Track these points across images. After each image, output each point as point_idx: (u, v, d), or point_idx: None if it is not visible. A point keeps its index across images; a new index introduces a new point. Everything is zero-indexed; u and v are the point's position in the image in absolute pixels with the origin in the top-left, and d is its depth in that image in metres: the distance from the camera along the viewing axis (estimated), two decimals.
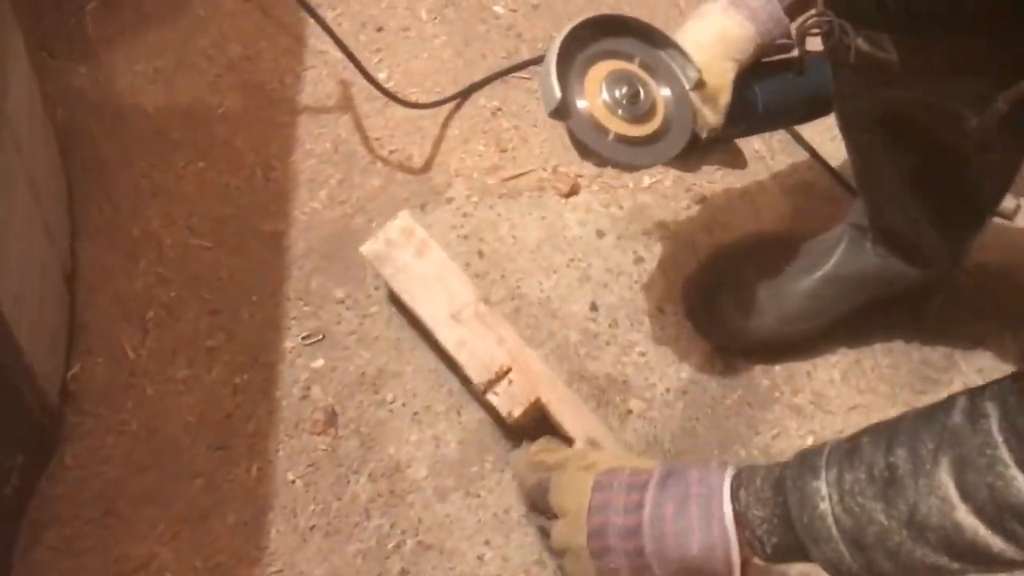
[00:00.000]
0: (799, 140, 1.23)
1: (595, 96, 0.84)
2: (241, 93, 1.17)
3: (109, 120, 1.14)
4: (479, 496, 0.99)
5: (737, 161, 1.08)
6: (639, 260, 1.13)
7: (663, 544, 0.73)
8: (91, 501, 0.94)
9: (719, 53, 0.88)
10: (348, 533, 0.96)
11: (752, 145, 1.21)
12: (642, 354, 1.08)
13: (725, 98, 0.89)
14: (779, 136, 1.23)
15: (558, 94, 0.80)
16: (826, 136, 1.22)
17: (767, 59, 0.92)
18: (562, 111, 0.81)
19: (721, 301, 1.08)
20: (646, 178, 1.18)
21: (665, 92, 0.88)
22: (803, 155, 1.22)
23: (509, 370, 0.95)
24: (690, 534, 0.71)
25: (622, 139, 0.84)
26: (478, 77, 1.22)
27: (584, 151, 0.86)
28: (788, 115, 1.00)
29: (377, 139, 1.17)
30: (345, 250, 1.10)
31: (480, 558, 0.96)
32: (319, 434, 1.00)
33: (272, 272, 1.08)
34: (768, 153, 1.21)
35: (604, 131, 0.84)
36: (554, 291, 1.11)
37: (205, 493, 0.96)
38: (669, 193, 1.18)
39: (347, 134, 1.17)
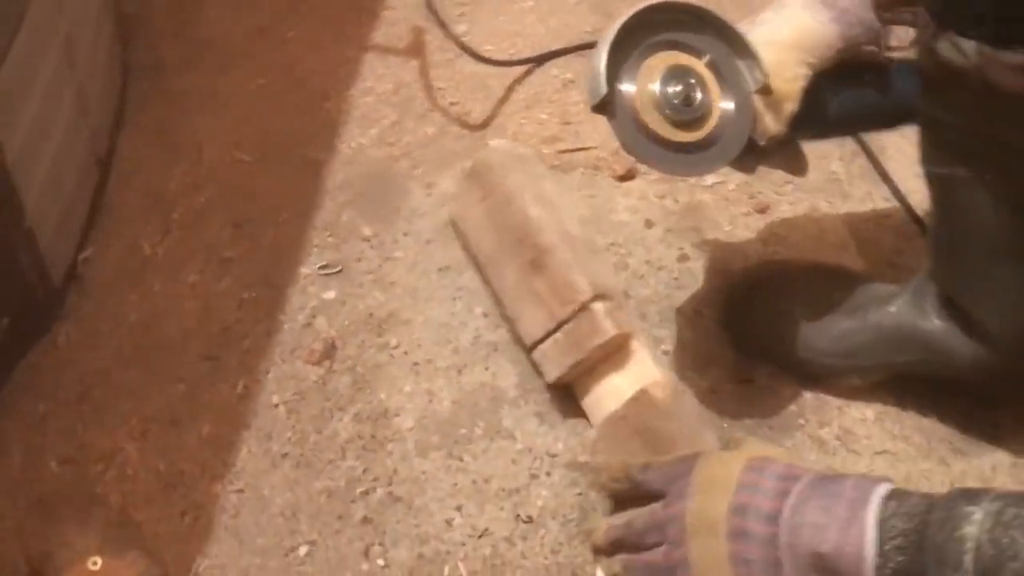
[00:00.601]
0: (879, 170, 1.15)
1: (645, 92, 0.77)
2: (314, 21, 1.16)
3: (178, 23, 1.13)
4: (461, 460, 0.94)
5: (798, 166, 0.99)
6: (684, 258, 1.07)
7: (798, 535, 0.68)
8: (71, 383, 0.92)
9: (793, 56, 0.81)
10: (319, 469, 0.92)
11: (829, 166, 1.14)
12: (665, 352, 1.01)
13: (791, 106, 0.82)
14: (860, 162, 1.15)
15: (604, 88, 0.75)
16: (911, 171, 1.13)
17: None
18: (605, 106, 0.76)
19: (761, 315, 1.00)
20: (710, 178, 1.12)
21: (727, 99, 0.81)
22: (883, 187, 1.14)
23: (612, 297, 0.91)
24: (827, 529, 0.66)
25: (664, 143, 0.78)
26: (557, 47, 1.18)
27: (625, 147, 0.80)
28: (860, 126, 0.93)
29: (440, 89, 1.14)
30: (382, 190, 1.07)
31: (448, 522, 0.90)
32: (313, 364, 0.97)
33: (305, 197, 1.05)
34: (846, 177, 1.14)
35: (646, 131, 0.77)
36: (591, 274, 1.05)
37: (185, 399, 0.93)
38: (731, 196, 1.11)
39: (410, 79, 1.14)
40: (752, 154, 0.88)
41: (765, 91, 0.81)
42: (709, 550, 0.73)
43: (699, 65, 0.80)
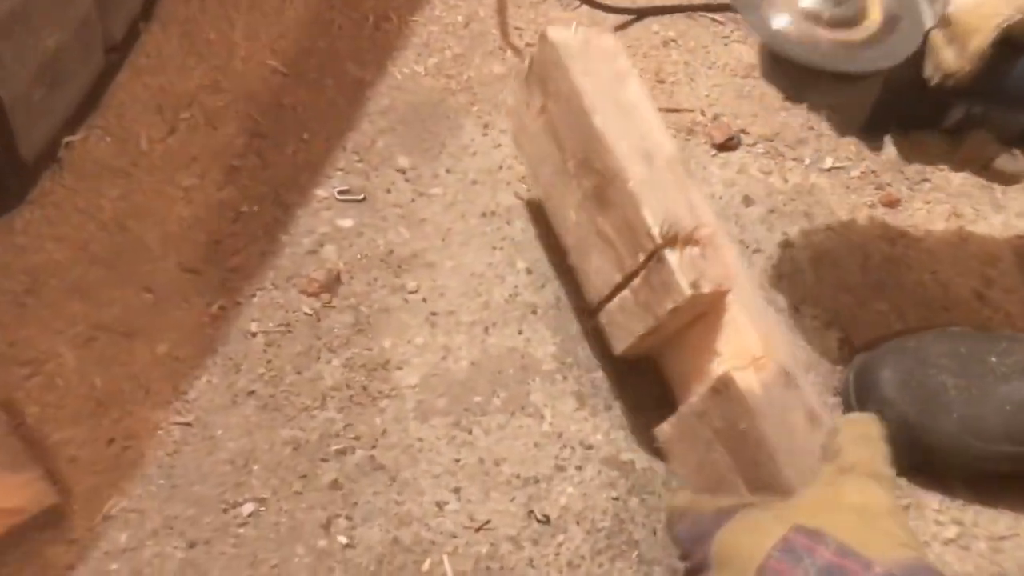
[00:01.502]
0: None
1: None
2: None
3: None
4: (470, 432, 0.73)
5: (1006, 171, 0.76)
6: (787, 244, 0.86)
7: None
8: (19, 272, 0.76)
9: None
10: (289, 415, 0.72)
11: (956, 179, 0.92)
12: None
13: (978, 42, 0.63)
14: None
15: None
16: None
17: None
18: None
19: (884, 367, 0.75)
20: (828, 158, 0.92)
21: (892, 4, 0.66)
22: None
23: (699, 241, 0.69)
24: None
25: (808, 36, 0.64)
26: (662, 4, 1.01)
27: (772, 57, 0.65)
28: None
29: (518, 29, 0.98)
30: (431, 122, 0.90)
31: (440, 505, 0.69)
32: (310, 295, 0.78)
33: (339, 116, 0.89)
34: (999, 185, 0.92)
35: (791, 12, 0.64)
36: None
37: (147, 311, 0.76)
38: (853, 184, 0.91)
39: (485, 14, 0.98)
40: (923, 114, 0.69)
41: (945, 22, 0.63)
42: None
43: None
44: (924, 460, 0.73)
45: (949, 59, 0.64)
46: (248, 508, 0.68)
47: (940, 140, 0.72)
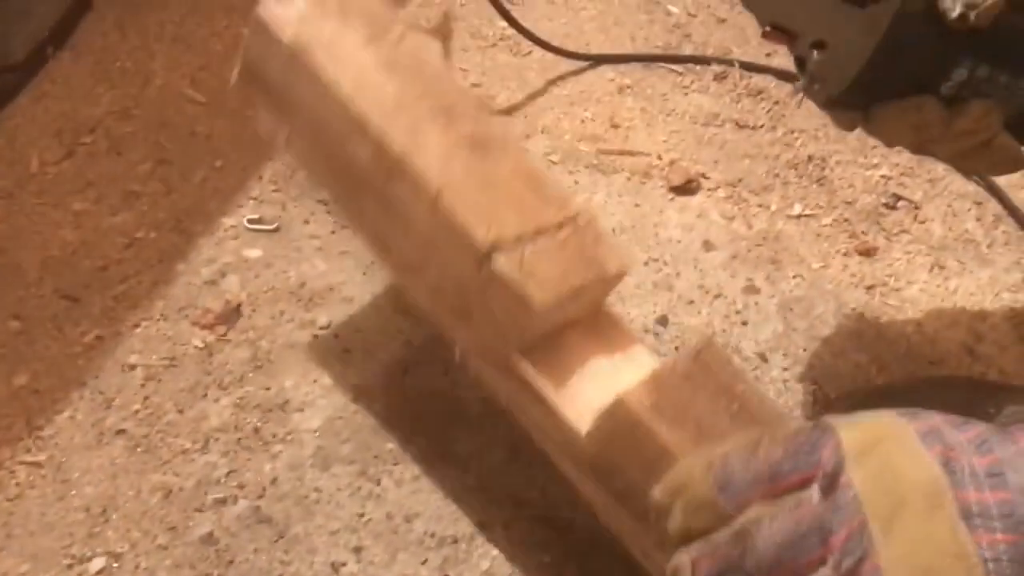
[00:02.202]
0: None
1: None
2: None
3: None
4: (379, 483, 0.61)
5: (997, 160, 0.64)
6: (752, 290, 0.77)
7: None
8: None
9: None
10: (163, 459, 0.61)
11: (962, 224, 0.84)
12: None
13: None
14: (1005, 228, 0.85)
15: None
16: None
17: None
18: None
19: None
20: (797, 205, 0.84)
21: None
22: None
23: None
24: None
25: None
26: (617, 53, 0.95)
27: None
28: None
29: (463, 69, 0.91)
30: None
31: (335, 567, 0.57)
32: (203, 327, 0.68)
33: (258, 147, 0.80)
34: (984, 239, 0.84)
35: None
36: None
37: (11, 340, 0.65)
38: (824, 232, 0.82)
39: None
40: (922, 74, 0.58)
41: None
42: (932, 543, 0.37)
43: None
44: None
45: None
46: (97, 564, 0.56)
47: (936, 105, 0.60)
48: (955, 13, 0.54)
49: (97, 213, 0.74)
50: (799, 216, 0.83)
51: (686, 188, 0.83)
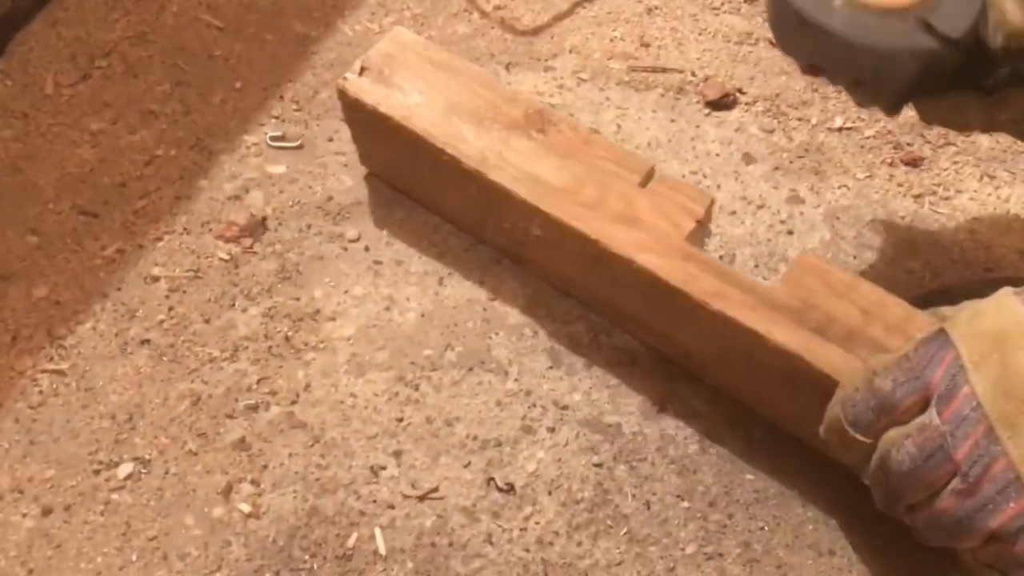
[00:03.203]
0: None
1: None
2: None
3: None
4: (416, 388, 0.59)
5: None
6: (797, 200, 0.74)
7: None
8: None
9: None
10: (190, 368, 0.58)
11: (1008, 137, 0.81)
12: None
13: None
14: None
15: None
16: None
17: None
18: None
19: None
20: (838, 118, 0.80)
21: None
22: None
23: None
24: None
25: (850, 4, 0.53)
26: None
27: (782, 26, 0.55)
28: None
29: None
30: None
31: (374, 470, 0.54)
32: (227, 240, 0.65)
33: (278, 68, 0.78)
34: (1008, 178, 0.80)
35: None
36: None
37: (30, 253, 0.63)
38: (868, 144, 0.79)
39: None
40: (966, 76, 0.58)
41: None
42: None
43: None
44: None
45: (1009, 10, 0.53)
46: (126, 469, 0.53)
47: (977, 100, 0.60)
48: (998, 43, 0.53)
49: (115, 132, 0.71)
50: (841, 129, 0.80)
51: (722, 103, 0.80)
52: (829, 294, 0.54)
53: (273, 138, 0.72)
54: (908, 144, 0.79)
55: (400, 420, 0.57)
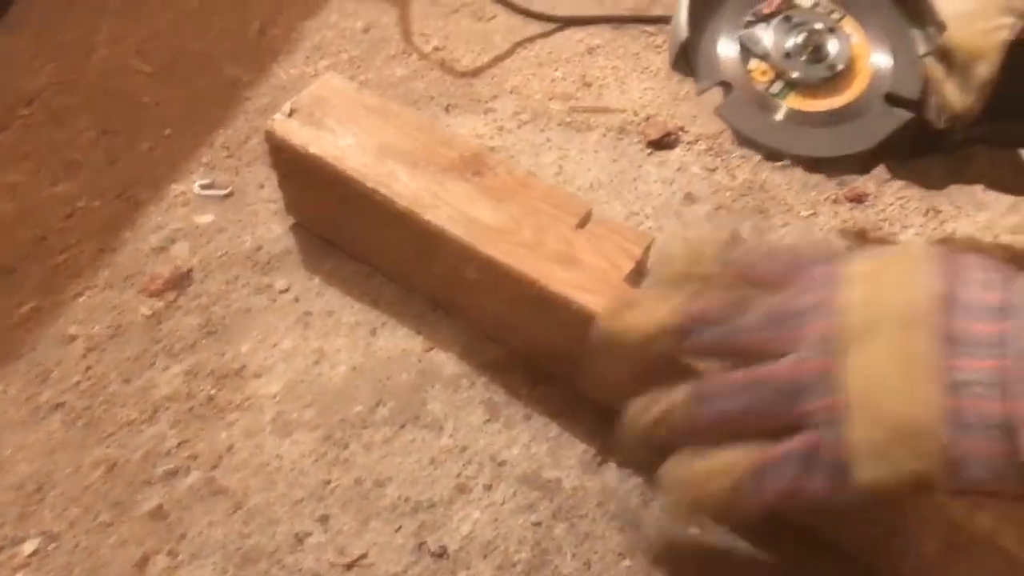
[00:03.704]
0: None
1: (754, 44, 0.55)
2: None
3: None
4: (346, 447, 0.56)
5: (1019, 182, 0.65)
6: (739, 240, 0.72)
7: None
8: None
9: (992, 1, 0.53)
10: (106, 432, 0.55)
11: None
12: None
13: (984, 70, 0.52)
14: (998, 173, 0.81)
15: (685, 32, 0.54)
16: None
17: None
18: (689, 59, 0.55)
19: None
20: None
21: (880, 51, 0.56)
22: None
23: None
24: None
25: (781, 112, 0.54)
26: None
27: (735, 133, 0.55)
28: None
29: (423, 35, 0.86)
30: None
31: (299, 538, 0.52)
32: (150, 294, 0.63)
33: (209, 113, 0.76)
34: (980, 184, 0.79)
35: (757, 98, 0.54)
36: None
37: None
38: (811, 182, 0.78)
39: (388, 21, 0.87)
40: (936, 153, 0.59)
41: (942, 52, 0.54)
42: (890, 357, 0.40)
43: (828, 8, 0.56)
44: None
45: (953, 96, 0.53)
46: (31, 545, 0.50)
47: (942, 164, 0.61)
48: (941, 126, 0.55)
49: (35, 184, 0.68)
50: (783, 167, 0.79)
51: (664, 142, 0.79)
52: None
53: (202, 186, 0.70)
54: (852, 181, 0.78)
55: (328, 482, 0.54)
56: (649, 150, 0.79)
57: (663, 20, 0.92)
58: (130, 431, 0.55)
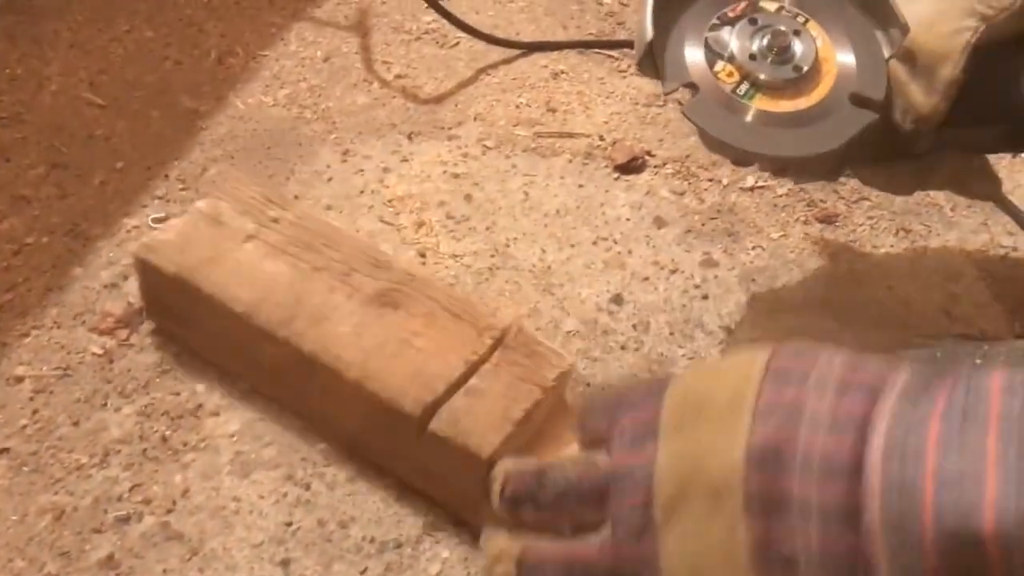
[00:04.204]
0: (1000, 201, 0.80)
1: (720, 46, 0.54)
2: None
3: None
4: (308, 487, 0.54)
5: (985, 188, 0.65)
6: (710, 263, 0.71)
7: (913, 501, 0.29)
8: None
9: (957, 3, 0.53)
10: (54, 478, 0.53)
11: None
12: None
13: (948, 71, 0.52)
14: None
15: (650, 33, 0.53)
16: None
17: None
18: (655, 60, 0.54)
19: None
20: (749, 178, 0.78)
21: (844, 51, 0.56)
22: (1004, 220, 0.78)
23: None
24: (981, 484, 0.29)
25: (747, 113, 0.54)
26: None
27: (703, 135, 0.56)
28: None
29: (385, 62, 0.85)
30: (278, 149, 0.75)
31: None
32: (102, 332, 0.60)
33: (163, 145, 0.74)
34: (947, 203, 0.79)
35: (724, 100, 0.53)
36: (561, 265, 0.69)
37: None
38: (780, 202, 0.77)
39: (349, 49, 0.86)
40: (907, 161, 0.60)
41: (906, 54, 0.54)
42: (704, 541, 0.33)
43: (792, 11, 0.56)
44: None
45: (918, 98, 0.53)
46: None
47: (911, 169, 0.61)
48: (907, 127, 0.55)
49: None
50: (753, 188, 0.78)
51: (631, 166, 0.78)
52: None
53: (155, 220, 0.67)
54: (822, 201, 0.78)
55: (289, 524, 0.52)
56: (616, 174, 0.78)
57: (627, 44, 0.92)
58: (79, 476, 0.53)
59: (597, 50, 0.91)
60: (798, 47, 0.54)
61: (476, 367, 0.52)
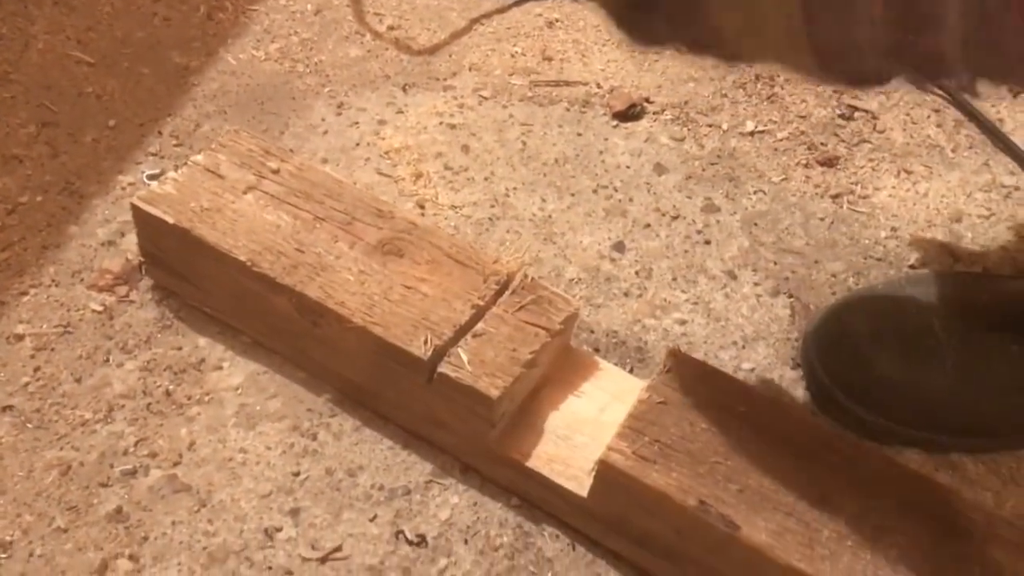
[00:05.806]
0: (1000, 140, 0.79)
1: None
2: None
3: None
4: (314, 438, 0.53)
5: None
6: (712, 209, 0.70)
7: None
8: None
9: None
10: (59, 434, 0.52)
11: (923, 130, 0.79)
12: (681, 323, 0.63)
13: None
14: (968, 132, 0.80)
15: None
16: None
17: None
18: None
19: (853, 319, 0.60)
20: (749, 122, 0.78)
21: None
22: (1005, 161, 0.78)
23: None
24: None
25: None
26: None
27: None
28: None
29: (377, 14, 0.84)
30: (271, 104, 0.74)
31: (269, 533, 0.49)
32: (101, 289, 0.59)
33: (155, 103, 0.72)
34: (948, 144, 0.78)
35: None
36: (561, 214, 0.69)
37: None
38: (781, 146, 0.76)
39: (339, 2, 0.84)
40: None
41: None
42: None
43: None
44: (915, 419, 0.55)
45: None
46: None
47: None
48: None
49: None
50: (753, 133, 0.77)
51: (629, 113, 0.77)
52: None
53: (150, 176, 0.67)
54: (822, 144, 0.77)
55: (296, 474, 0.52)
56: (615, 122, 0.77)
57: None
58: (84, 431, 0.52)
59: None
60: None
61: (483, 312, 0.52)
